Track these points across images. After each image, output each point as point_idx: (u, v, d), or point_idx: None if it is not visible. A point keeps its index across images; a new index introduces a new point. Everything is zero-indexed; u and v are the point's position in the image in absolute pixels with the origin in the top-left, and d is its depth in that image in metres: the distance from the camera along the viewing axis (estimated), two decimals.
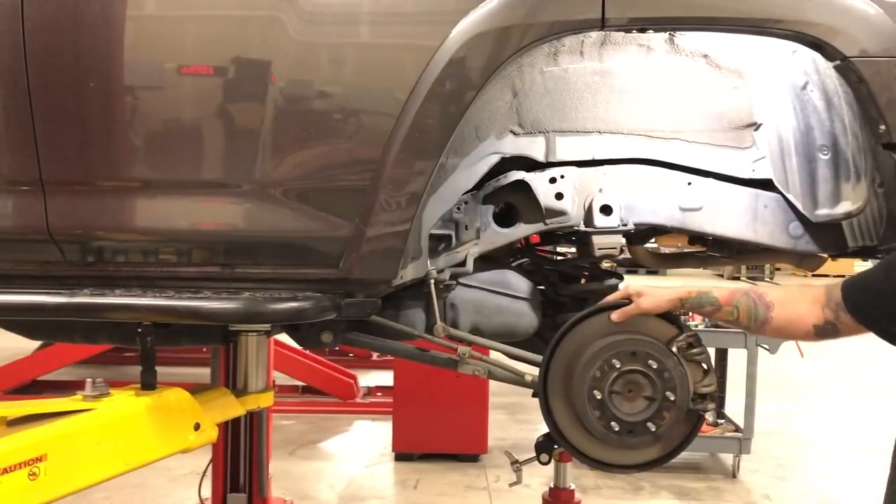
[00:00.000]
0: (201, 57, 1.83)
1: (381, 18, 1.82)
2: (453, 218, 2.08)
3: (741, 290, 1.77)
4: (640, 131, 2.04)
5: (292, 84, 1.80)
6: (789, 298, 1.73)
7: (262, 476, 3.80)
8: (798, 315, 1.70)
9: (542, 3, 1.79)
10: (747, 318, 1.74)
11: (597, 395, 1.84)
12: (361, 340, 2.10)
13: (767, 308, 1.72)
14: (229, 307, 1.75)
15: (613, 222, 2.03)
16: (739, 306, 1.75)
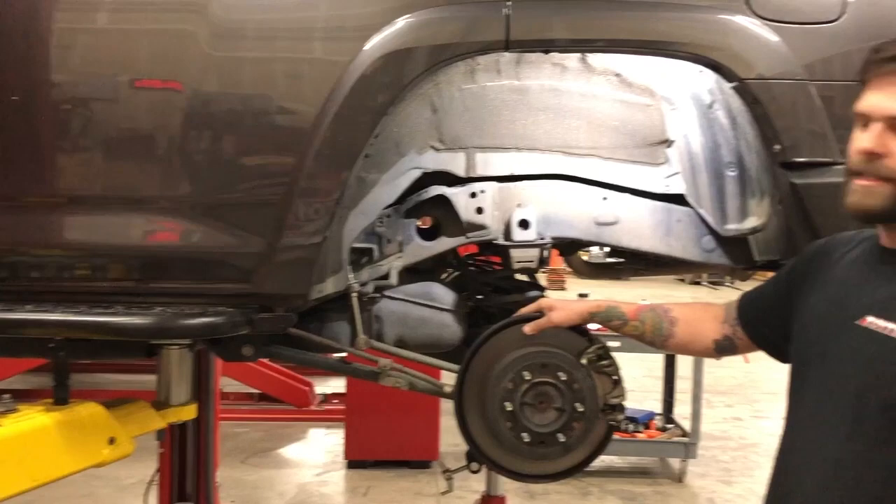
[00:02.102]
0: (115, 71, 1.84)
1: (293, 34, 1.84)
2: (376, 232, 2.11)
3: (648, 306, 1.82)
4: (557, 148, 2.08)
5: (204, 98, 1.81)
6: (693, 315, 1.77)
7: (208, 485, 3.76)
8: (700, 331, 1.74)
9: (448, 24, 1.83)
10: (652, 333, 1.78)
11: (508, 407, 1.88)
12: (283, 353, 2.11)
13: (672, 323, 1.77)
14: (139, 322, 1.76)
15: (531, 236, 2.07)
16: (645, 321, 1.79)
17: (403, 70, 1.81)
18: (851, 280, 1.39)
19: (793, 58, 1.84)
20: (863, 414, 1.27)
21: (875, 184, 1.29)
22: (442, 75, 2.00)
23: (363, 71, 1.79)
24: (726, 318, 1.71)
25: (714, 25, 1.85)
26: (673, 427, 5.40)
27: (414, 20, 1.82)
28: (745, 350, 1.70)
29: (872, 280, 1.35)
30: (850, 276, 1.40)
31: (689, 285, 15.10)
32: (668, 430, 5.36)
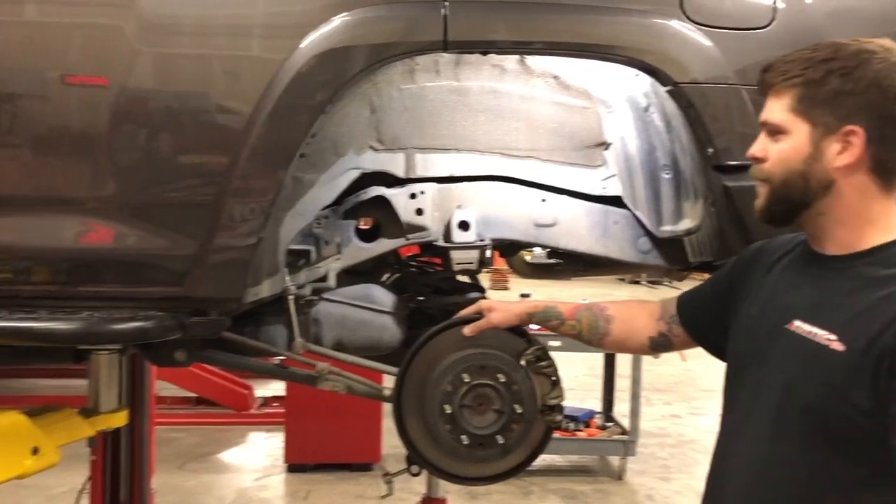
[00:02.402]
0: (39, 65, 1.76)
1: (226, 30, 1.79)
2: (313, 233, 2.08)
3: (585, 305, 1.84)
4: (496, 149, 2.09)
5: (131, 95, 1.75)
6: (629, 313, 1.80)
7: (143, 492, 3.68)
8: (635, 329, 1.77)
9: (386, 23, 1.81)
10: (589, 332, 1.80)
11: (447, 410, 1.87)
12: (217, 358, 2.06)
13: (608, 322, 1.79)
14: (64, 328, 1.70)
15: (471, 237, 2.07)
16: (582, 320, 1.80)
17: (341, 69, 1.79)
18: (783, 284, 1.42)
19: (725, 62, 1.87)
20: (786, 416, 1.30)
21: (760, 185, 1.39)
22: (381, 75, 1.98)
23: (299, 69, 1.76)
24: (662, 316, 1.73)
25: (650, 30, 1.87)
26: (612, 425, 5.48)
27: (351, 19, 1.79)
28: (681, 347, 1.73)
29: (801, 284, 1.39)
30: (782, 280, 1.43)
31: (628, 284, 15.35)
32: (607, 428, 5.43)
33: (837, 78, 1.29)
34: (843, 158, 1.30)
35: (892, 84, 1.28)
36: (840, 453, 1.25)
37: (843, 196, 1.31)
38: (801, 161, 1.32)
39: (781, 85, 1.35)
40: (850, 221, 1.32)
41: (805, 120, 1.32)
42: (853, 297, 1.28)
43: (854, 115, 1.29)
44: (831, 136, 1.30)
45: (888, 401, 1.18)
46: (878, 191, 1.31)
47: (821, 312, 1.31)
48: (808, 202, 1.33)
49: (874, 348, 1.20)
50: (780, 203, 1.36)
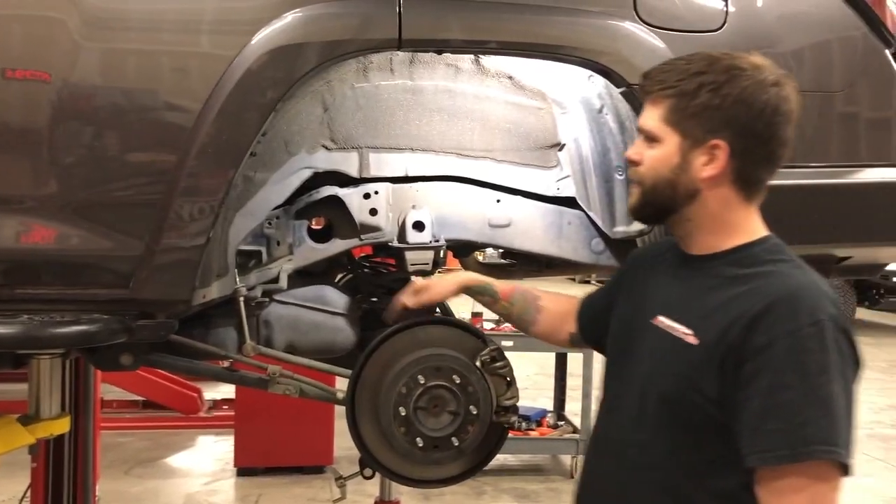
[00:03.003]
0: None
1: (173, 25, 1.74)
2: (264, 233, 2.04)
3: (521, 290, 1.85)
4: (451, 149, 2.08)
5: (74, 91, 1.68)
6: (558, 308, 1.83)
7: (87, 499, 3.61)
8: (560, 323, 1.81)
9: (339, 20, 1.77)
10: (519, 317, 1.84)
11: (402, 412, 1.85)
12: (165, 362, 2.01)
13: (538, 311, 1.83)
14: (1, 332, 1.63)
15: (426, 238, 2.05)
16: (515, 304, 1.84)
17: (292, 66, 1.75)
18: (655, 282, 1.50)
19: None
20: (646, 405, 1.39)
21: (633, 186, 1.47)
22: (334, 73, 1.96)
23: (249, 66, 1.72)
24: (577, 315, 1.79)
25: (603, 31, 1.88)
26: (564, 424, 5.51)
27: (303, 15, 1.75)
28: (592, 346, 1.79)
29: (670, 282, 1.47)
30: (655, 278, 1.51)
31: (578, 284, 15.49)
32: (559, 427, 5.46)
33: (707, 92, 1.34)
34: (708, 170, 1.36)
35: (758, 101, 1.34)
36: (691, 439, 1.34)
37: (707, 204, 1.38)
38: (669, 169, 1.38)
39: (657, 94, 1.40)
40: (713, 227, 1.39)
41: (676, 130, 1.38)
42: (710, 294, 1.36)
43: (720, 130, 1.34)
44: (698, 149, 1.36)
45: (733, 390, 1.28)
46: (740, 201, 1.38)
47: (681, 308, 1.40)
48: (676, 208, 1.40)
49: (722, 343, 1.29)
50: (649, 206, 1.43)
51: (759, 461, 1.25)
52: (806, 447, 1.22)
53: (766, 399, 1.24)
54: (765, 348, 1.25)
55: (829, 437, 1.22)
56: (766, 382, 1.24)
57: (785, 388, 1.23)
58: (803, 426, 1.22)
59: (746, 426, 1.26)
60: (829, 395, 1.23)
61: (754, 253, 1.38)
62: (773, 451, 1.23)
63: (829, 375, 1.23)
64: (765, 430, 1.24)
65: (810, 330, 1.25)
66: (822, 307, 1.28)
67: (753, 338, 1.27)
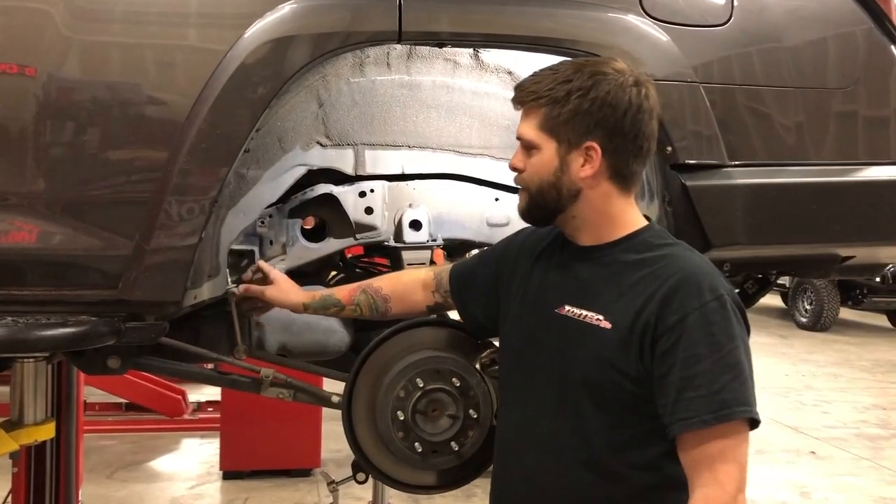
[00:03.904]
0: None
1: (164, 18, 1.68)
2: (257, 232, 2.00)
3: (359, 287, 1.85)
4: (449, 146, 2.06)
5: (62, 85, 1.62)
6: (402, 289, 1.84)
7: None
8: (412, 303, 1.83)
9: (336, 11, 1.72)
10: (370, 313, 1.84)
11: (400, 416, 1.80)
12: (153, 365, 1.95)
13: (385, 301, 1.83)
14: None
15: (423, 237, 2.04)
16: (360, 304, 1.83)
17: (287, 60, 1.70)
18: (549, 273, 1.57)
19: (683, 59, 1.85)
20: (567, 391, 1.47)
21: (521, 192, 1.54)
22: (329, 67, 1.91)
23: (243, 60, 1.67)
24: (437, 289, 1.80)
25: (606, 24, 1.84)
26: None
27: (299, 7, 1.70)
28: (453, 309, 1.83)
29: (565, 272, 1.54)
30: (548, 269, 1.57)
31: None
32: None
33: (576, 98, 1.44)
34: (586, 170, 1.46)
35: (621, 103, 1.44)
36: (613, 417, 1.43)
37: (590, 201, 1.48)
38: (551, 173, 1.47)
39: (531, 104, 1.48)
40: (599, 220, 1.49)
41: (552, 137, 1.46)
42: (613, 280, 1.46)
43: (592, 132, 1.44)
44: (574, 151, 1.46)
45: (651, 367, 1.38)
46: (619, 193, 1.49)
47: (587, 296, 1.48)
48: (562, 207, 1.49)
49: (636, 324, 1.39)
50: (537, 208, 1.51)
51: (683, 427, 1.35)
52: (725, 409, 1.33)
53: (683, 371, 1.35)
54: (677, 324, 1.36)
55: (744, 398, 1.35)
56: (682, 355, 1.35)
57: (699, 358, 1.35)
58: (721, 391, 1.34)
59: (667, 398, 1.36)
60: (737, 360, 1.36)
61: (644, 239, 1.48)
62: (697, 417, 1.34)
63: (735, 343, 1.36)
64: (686, 399, 1.34)
65: (714, 304, 1.37)
66: (720, 283, 1.41)
67: (665, 316, 1.37)
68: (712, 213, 1.84)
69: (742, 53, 1.88)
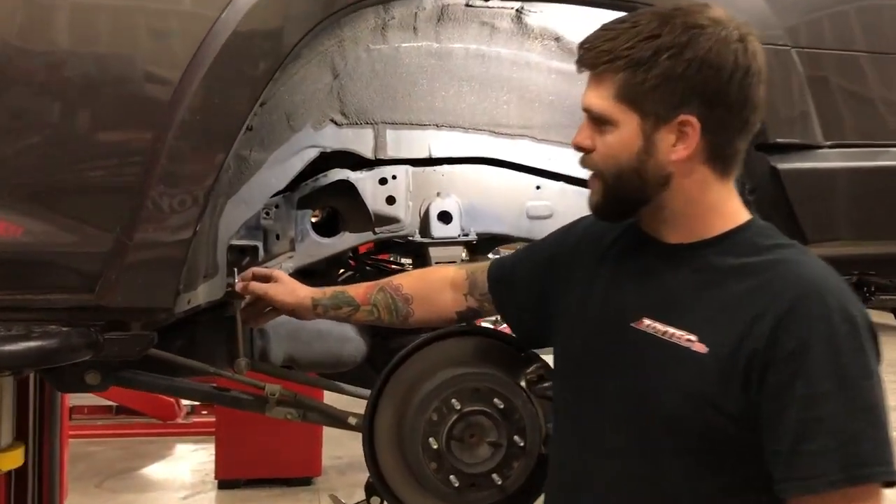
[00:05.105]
0: None
1: None
2: (261, 225, 1.80)
3: (376, 286, 1.62)
4: (483, 126, 1.86)
5: (23, 54, 1.39)
6: (429, 288, 1.61)
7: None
8: (440, 306, 1.60)
9: None
10: (388, 316, 1.61)
11: (433, 444, 1.57)
12: (139, 380, 1.71)
13: (406, 302, 1.60)
14: None
15: (453, 231, 1.84)
16: (378, 305, 1.60)
17: (292, 21, 1.46)
18: (622, 276, 1.30)
19: (774, 19, 1.59)
20: (641, 426, 1.21)
21: (592, 179, 1.27)
22: (346, 30, 1.72)
23: (238, 24, 1.42)
24: (471, 291, 1.57)
25: None
26: None
27: None
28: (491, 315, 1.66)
29: (644, 276, 1.27)
30: (620, 270, 1.31)
31: None
32: None
33: (667, 59, 1.17)
34: (679, 151, 1.19)
35: (725, 64, 1.17)
36: (706, 465, 1.18)
37: (681, 189, 1.22)
38: (633, 156, 1.21)
39: (604, 68, 1.20)
40: (691, 212, 1.24)
41: (633, 109, 1.19)
42: (707, 290, 1.20)
43: (687, 102, 1.18)
44: (664, 127, 1.19)
45: (759, 404, 1.12)
46: (717, 178, 1.23)
47: (674, 308, 1.21)
48: (646, 198, 1.23)
49: (741, 350, 1.13)
50: (616, 202, 1.25)
51: (803, 489, 1.09)
52: (860, 468, 1.07)
53: (803, 412, 1.09)
54: (796, 353, 1.10)
55: (883, 453, 1.09)
56: (802, 393, 1.09)
57: (825, 398, 1.08)
58: (853, 442, 1.08)
59: (781, 446, 1.11)
60: (873, 402, 1.10)
61: (748, 239, 1.22)
62: (822, 477, 1.08)
63: (870, 380, 1.10)
64: (806, 452, 1.09)
65: (845, 328, 1.11)
66: (851, 300, 1.15)
67: (780, 342, 1.11)
68: (809, 202, 1.58)
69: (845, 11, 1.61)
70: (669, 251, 1.24)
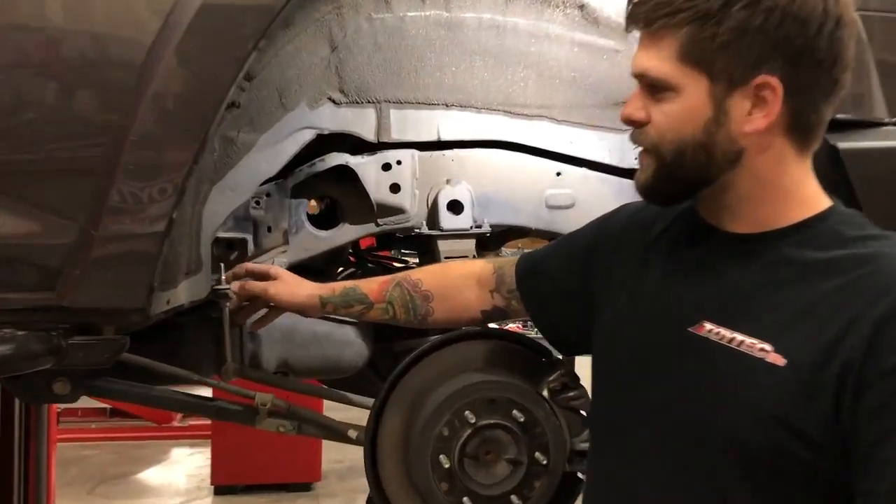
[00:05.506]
0: None
1: None
2: (250, 216, 1.67)
3: (392, 281, 1.49)
4: (498, 105, 1.74)
5: None
6: (451, 284, 1.48)
7: None
8: (463, 304, 1.46)
9: None
10: (405, 315, 1.47)
11: (444, 462, 1.42)
12: (113, 389, 1.55)
13: (426, 299, 1.47)
14: None
15: (465, 223, 1.72)
16: (394, 302, 1.47)
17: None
18: (675, 271, 1.14)
19: None
20: (701, 451, 1.05)
21: (642, 154, 1.10)
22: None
23: None
24: (497, 287, 1.44)
25: None
26: None
27: None
28: (518, 317, 1.51)
29: (702, 271, 1.10)
30: (671, 264, 1.15)
31: None
32: None
33: (741, 9, 1.01)
34: (756, 121, 1.02)
35: (813, 14, 1.00)
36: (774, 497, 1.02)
37: (754, 168, 1.06)
38: (699, 127, 1.04)
39: (661, 24, 1.03)
40: (762, 195, 1.07)
41: (701, 71, 1.02)
42: (784, 290, 1.03)
43: (767, 60, 1.01)
44: (738, 92, 1.03)
45: (850, 429, 0.95)
46: (795, 154, 1.06)
47: (742, 311, 1.05)
48: (711, 178, 1.06)
49: (831, 362, 0.96)
50: (672, 182, 1.08)
51: None
52: None
53: None
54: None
55: None
56: None
57: None
58: None
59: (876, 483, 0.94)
60: None
61: (830, 228, 1.05)
62: None
63: None
64: None
65: None
66: None
67: (882, 354, 0.94)
68: (873, 185, 1.42)
69: None
70: (735, 242, 1.07)
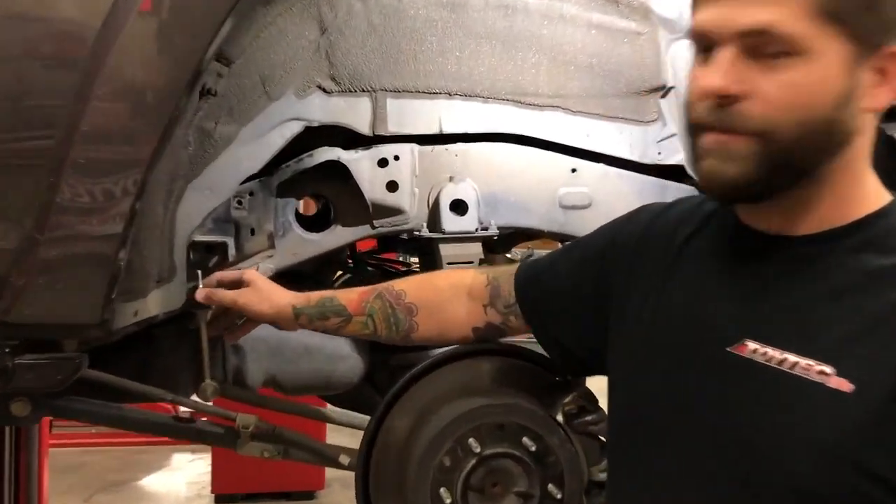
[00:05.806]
0: None
1: None
2: (232, 217, 1.55)
3: (373, 291, 1.38)
4: (506, 94, 1.65)
5: None
6: (438, 297, 1.37)
7: None
8: (451, 319, 1.35)
9: None
10: (386, 330, 1.35)
11: (445, 498, 1.29)
12: (77, 409, 1.43)
13: (409, 313, 1.36)
14: None
15: (469, 224, 1.62)
16: (374, 316, 1.36)
17: None
18: (714, 280, 1.00)
19: None
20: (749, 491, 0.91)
21: (730, 139, 0.89)
22: None
23: None
24: (491, 302, 1.32)
25: None
26: None
27: None
28: (515, 335, 1.37)
29: (745, 280, 0.96)
30: (709, 272, 1.01)
31: None
32: None
33: None
34: (879, 97, 0.88)
35: None
36: None
37: (853, 153, 0.91)
38: (830, 104, 0.87)
39: None
40: (847, 190, 0.92)
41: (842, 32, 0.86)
42: (844, 301, 0.89)
43: None
44: (869, 61, 0.88)
45: None
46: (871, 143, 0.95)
47: (794, 327, 0.91)
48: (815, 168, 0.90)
49: None
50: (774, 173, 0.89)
51: None
52: None
53: None
54: None
55: None
56: None
57: None
58: None
59: None
60: None
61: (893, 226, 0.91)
62: None
63: None
64: None
65: None
66: None
67: None
68: None
69: None
70: (783, 247, 0.94)
